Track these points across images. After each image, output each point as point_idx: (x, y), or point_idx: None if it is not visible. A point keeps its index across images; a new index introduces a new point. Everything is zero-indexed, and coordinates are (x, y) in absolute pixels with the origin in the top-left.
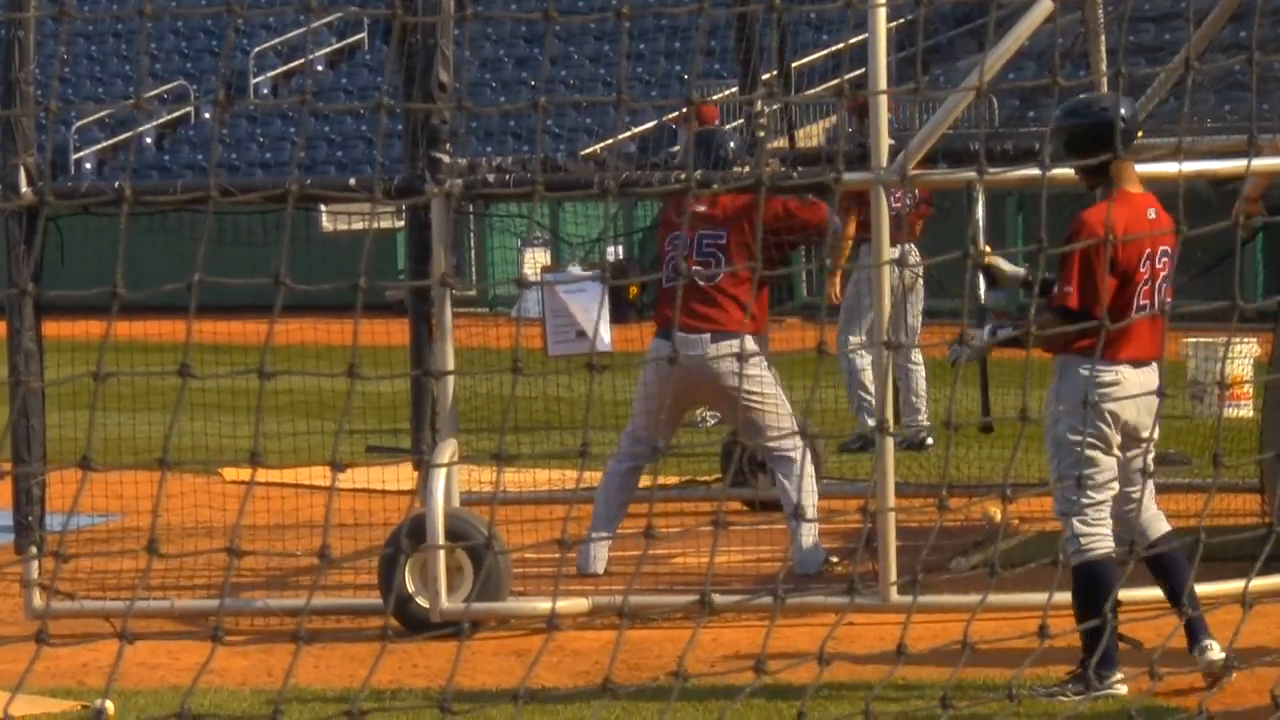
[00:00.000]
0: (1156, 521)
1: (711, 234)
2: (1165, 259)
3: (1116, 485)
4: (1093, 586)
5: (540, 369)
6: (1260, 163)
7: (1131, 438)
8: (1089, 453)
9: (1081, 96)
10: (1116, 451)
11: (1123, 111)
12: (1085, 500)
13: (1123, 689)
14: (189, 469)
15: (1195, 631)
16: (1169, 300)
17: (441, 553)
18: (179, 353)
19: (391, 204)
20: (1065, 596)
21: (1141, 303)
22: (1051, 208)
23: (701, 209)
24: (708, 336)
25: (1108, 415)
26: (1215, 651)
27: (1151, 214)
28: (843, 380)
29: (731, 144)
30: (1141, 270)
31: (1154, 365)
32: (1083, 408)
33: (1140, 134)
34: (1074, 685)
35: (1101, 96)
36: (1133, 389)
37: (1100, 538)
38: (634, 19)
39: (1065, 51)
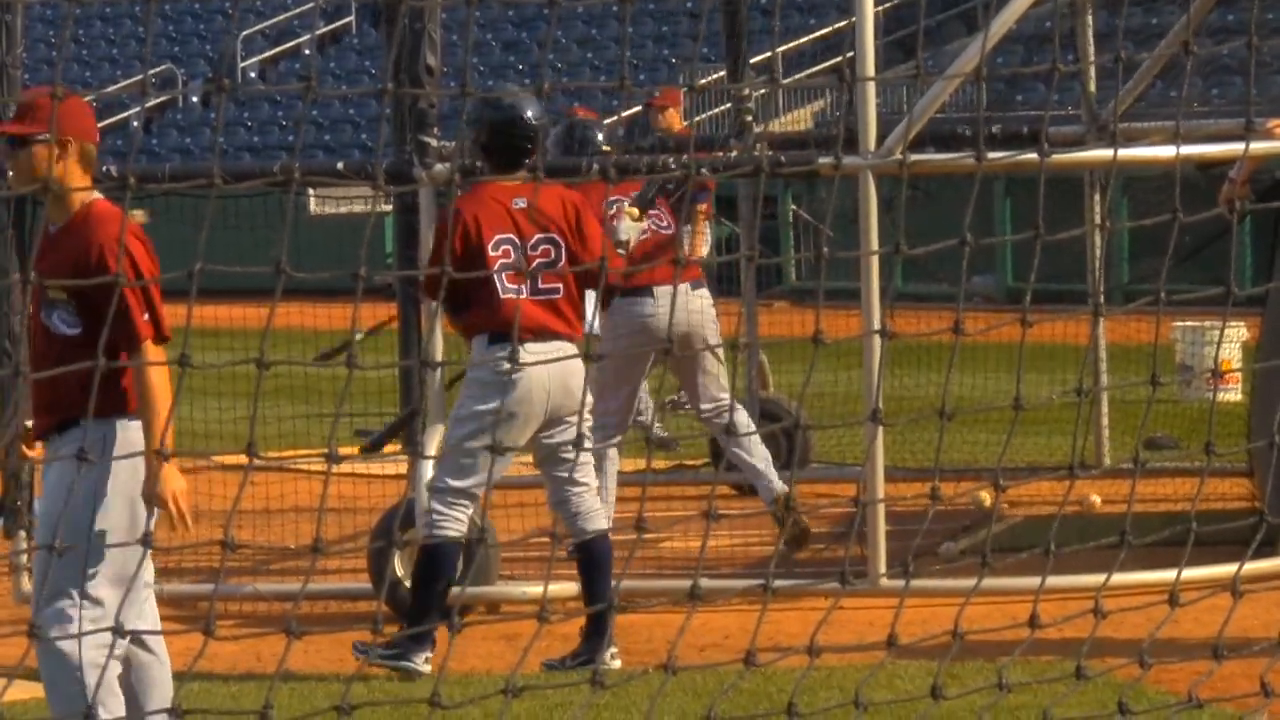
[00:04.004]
0: (595, 519)
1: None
2: (546, 246)
3: (487, 476)
4: (432, 566)
5: None
6: (1255, 146)
7: (552, 418)
8: (477, 434)
9: (494, 94)
10: (516, 440)
11: (530, 115)
12: (454, 482)
13: (427, 668)
14: (178, 454)
15: (597, 637)
16: (554, 284)
17: None
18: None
19: (388, 189)
20: (1057, 581)
21: (509, 286)
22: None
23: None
24: (688, 285)
25: (507, 396)
26: (615, 662)
27: (520, 204)
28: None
29: (597, 134)
30: (493, 254)
31: (565, 342)
32: (486, 389)
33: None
34: (385, 650)
35: (517, 97)
36: (537, 367)
37: (454, 521)
38: (629, 2)
39: (1050, 35)
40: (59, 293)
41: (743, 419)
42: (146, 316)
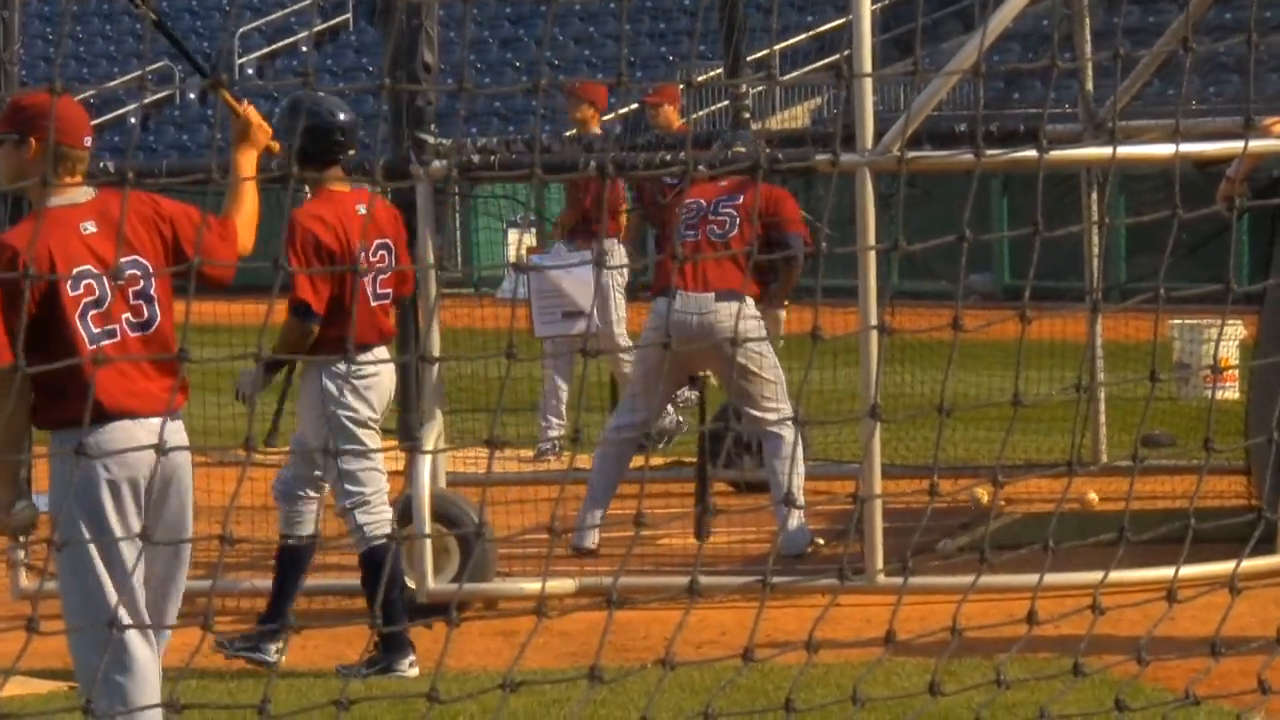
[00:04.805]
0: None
1: (728, 199)
2: (382, 251)
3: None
4: (382, 572)
5: (528, 352)
6: (1254, 144)
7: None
8: (364, 442)
9: (302, 96)
10: (377, 440)
11: (342, 116)
12: (366, 489)
13: (414, 671)
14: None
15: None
16: (385, 290)
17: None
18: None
19: (386, 186)
20: (1054, 578)
21: (380, 293)
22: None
23: (723, 184)
24: (711, 296)
25: (373, 402)
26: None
27: (360, 209)
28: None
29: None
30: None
31: (383, 349)
32: (328, 403)
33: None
34: (368, 668)
35: (324, 98)
36: (384, 371)
37: (382, 523)
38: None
39: (1047, 33)
40: None
41: (785, 445)
42: None
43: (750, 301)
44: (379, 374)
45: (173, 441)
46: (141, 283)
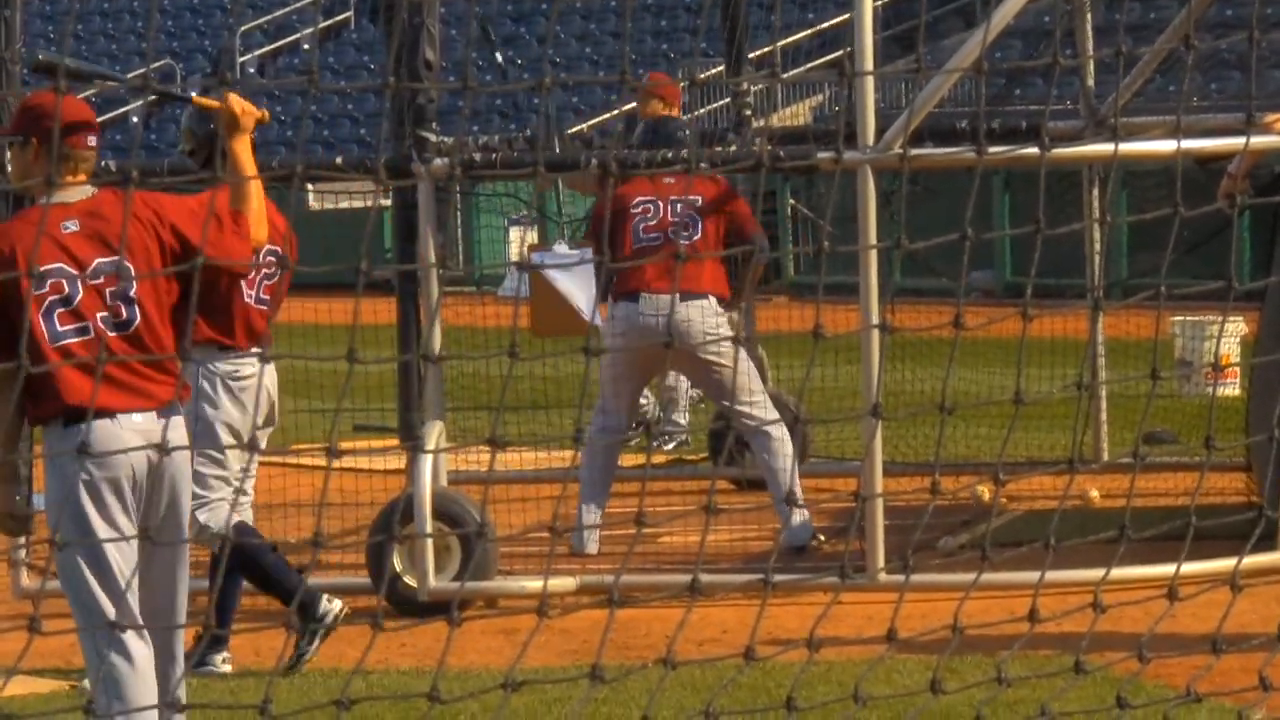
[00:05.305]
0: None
1: (687, 200)
2: (270, 258)
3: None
4: (256, 565)
5: (528, 350)
6: (1255, 141)
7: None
8: (227, 441)
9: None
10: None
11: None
12: (210, 495)
13: (336, 605)
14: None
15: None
16: (267, 297)
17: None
18: None
19: (388, 184)
20: (1056, 575)
21: (264, 297)
22: (1038, 187)
23: (669, 181)
24: (676, 296)
25: (247, 405)
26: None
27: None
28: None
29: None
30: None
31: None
32: (216, 400)
33: None
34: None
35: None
36: (265, 376)
37: (221, 516)
38: None
39: (1049, 30)
40: None
41: (776, 442)
42: None
43: (714, 299)
44: (254, 377)
45: (170, 438)
46: (120, 283)
